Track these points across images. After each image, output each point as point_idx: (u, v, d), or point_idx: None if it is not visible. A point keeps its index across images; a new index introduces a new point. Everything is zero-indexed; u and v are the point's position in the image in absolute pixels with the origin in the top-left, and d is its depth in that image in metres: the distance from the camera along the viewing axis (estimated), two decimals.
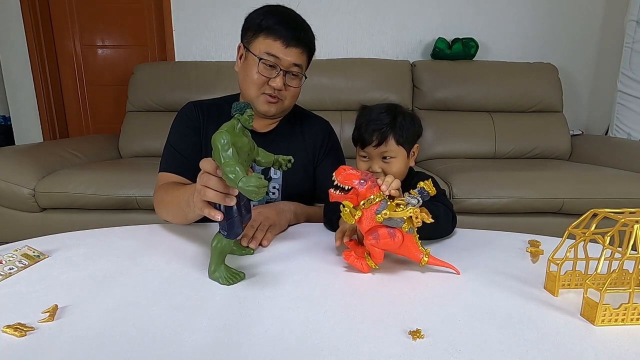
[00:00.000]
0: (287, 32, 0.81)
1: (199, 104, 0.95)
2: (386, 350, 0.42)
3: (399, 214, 0.56)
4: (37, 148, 1.85)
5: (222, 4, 2.39)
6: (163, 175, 0.89)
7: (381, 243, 0.58)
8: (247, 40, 0.86)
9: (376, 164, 0.80)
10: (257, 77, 0.84)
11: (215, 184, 0.54)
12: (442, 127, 2.21)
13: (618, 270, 0.48)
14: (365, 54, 2.45)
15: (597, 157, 2.04)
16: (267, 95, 0.86)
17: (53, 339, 0.43)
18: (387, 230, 0.57)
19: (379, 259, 0.60)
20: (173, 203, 0.77)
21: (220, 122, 0.93)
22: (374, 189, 0.58)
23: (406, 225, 0.57)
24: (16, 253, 0.63)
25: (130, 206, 1.60)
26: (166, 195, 0.81)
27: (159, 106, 2.25)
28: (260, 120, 0.94)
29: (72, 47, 2.59)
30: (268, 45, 0.82)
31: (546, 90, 2.26)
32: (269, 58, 0.82)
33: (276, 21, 0.82)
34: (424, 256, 0.60)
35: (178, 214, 0.76)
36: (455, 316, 0.49)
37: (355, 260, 0.61)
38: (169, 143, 0.92)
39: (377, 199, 0.57)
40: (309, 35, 0.86)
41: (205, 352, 0.41)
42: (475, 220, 1.60)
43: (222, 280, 0.57)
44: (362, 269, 0.61)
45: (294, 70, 0.85)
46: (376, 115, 0.79)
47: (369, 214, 0.57)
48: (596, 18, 2.45)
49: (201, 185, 0.55)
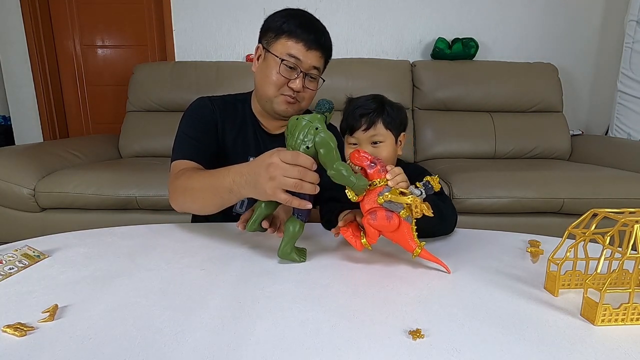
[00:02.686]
0: (308, 35, 0.83)
1: (213, 99, 0.95)
2: (386, 350, 0.42)
3: (399, 199, 0.58)
4: (37, 148, 1.85)
5: (222, 4, 2.39)
6: (179, 163, 0.85)
7: (377, 223, 0.60)
8: (267, 42, 0.86)
9: (365, 149, 0.79)
10: (277, 78, 0.85)
11: (312, 177, 0.59)
12: (442, 127, 2.21)
13: (618, 270, 0.48)
14: (365, 54, 2.46)
15: (597, 157, 2.04)
16: (286, 96, 0.87)
17: (53, 339, 0.43)
18: (385, 212, 0.59)
19: (373, 239, 0.62)
20: (205, 191, 0.74)
21: (236, 120, 0.94)
22: (381, 174, 0.61)
23: (404, 212, 0.59)
24: (16, 253, 0.63)
25: (130, 206, 1.60)
26: (191, 181, 0.77)
27: (159, 106, 2.25)
28: (274, 121, 0.95)
29: (72, 47, 2.59)
30: (290, 47, 0.83)
31: (546, 90, 2.26)
32: (290, 60, 0.83)
33: (298, 24, 0.83)
34: (417, 248, 0.61)
35: (212, 202, 0.74)
36: (455, 316, 0.49)
37: (350, 237, 0.65)
38: (183, 132, 0.90)
39: (382, 183, 0.60)
40: (328, 40, 0.88)
41: (205, 352, 0.41)
42: (475, 220, 1.60)
43: (298, 259, 0.64)
44: (355, 246, 0.64)
45: (312, 73, 0.87)
46: (363, 102, 0.80)
47: (372, 195, 0.60)
48: (596, 18, 2.45)
49: (296, 179, 0.58)
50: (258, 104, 0.95)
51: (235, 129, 0.94)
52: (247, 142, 0.95)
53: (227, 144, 0.93)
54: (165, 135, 2.09)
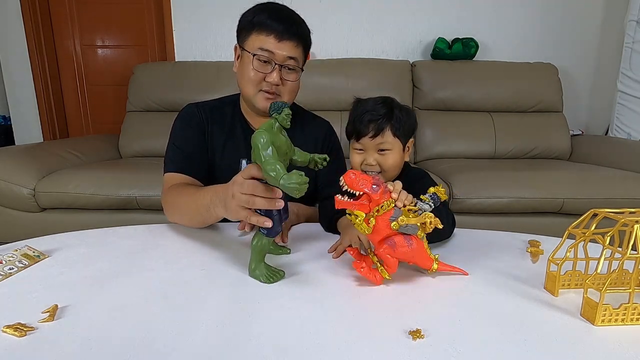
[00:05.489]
0: (278, 25, 0.81)
1: (201, 106, 0.95)
2: (386, 350, 0.42)
3: (415, 220, 0.53)
4: (37, 148, 1.85)
5: (222, 4, 2.39)
6: (170, 177, 0.87)
7: (398, 251, 0.54)
8: (241, 40, 0.86)
9: (371, 157, 0.78)
10: (254, 74, 0.83)
11: (262, 191, 0.54)
12: (442, 127, 2.21)
13: (618, 270, 0.48)
14: (365, 54, 2.45)
15: (597, 157, 2.04)
16: (265, 92, 0.85)
17: (53, 339, 0.43)
18: (404, 237, 0.54)
19: (393, 269, 0.56)
20: (189, 208, 0.76)
21: (224, 124, 0.94)
22: (386, 194, 0.54)
23: (420, 232, 0.55)
24: (16, 253, 0.63)
25: (130, 206, 1.60)
26: (179, 198, 0.80)
27: (159, 106, 2.25)
28: (262, 118, 0.94)
29: (72, 47, 2.59)
30: (261, 41, 0.81)
31: (546, 90, 2.26)
32: (263, 53, 0.81)
33: (267, 16, 0.81)
34: (434, 263, 0.58)
35: (195, 219, 0.77)
36: (455, 316, 0.49)
37: (367, 273, 0.56)
38: (173, 144, 0.91)
39: (391, 206, 0.53)
40: (302, 28, 0.85)
41: (205, 352, 0.41)
42: (475, 220, 1.60)
43: (262, 279, 0.57)
44: (375, 281, 0.56)
45: (289, 64, 0.84)
46: (372, 106, 0.77)
47: (384, 222, 0.53)
48: (596, 18, 2.45)
49: (247, 194, 0.55)
50: (245, 104, 0.94)
51: (224, 133, 0.93)
52: (237, 145, 0.93)
53: (216, 149, 0.93)
54: (165, 135, 2.03)
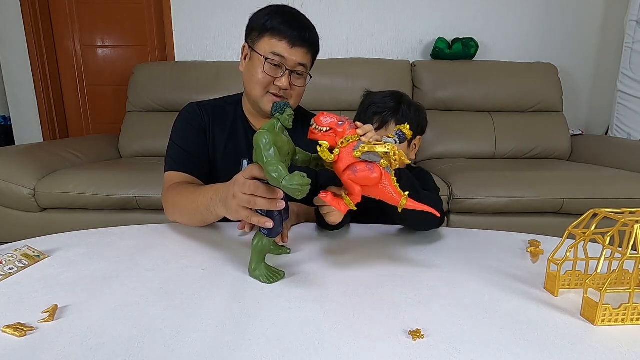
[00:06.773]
0: (292, 32, 0.82)
1: (202, 106, 0.95)
2: (386, 350, 0.42)
3: (376, 148, 0.55)
4: (37, 148, 1.85)
5: (222, 4, 2.39)
6: (171, 175, 0.88)
7: (359, 177, 0.55)
8: (252, 41, 0.86)
9: None
10: (263, 77, 0.84)
11: (264, 191, 0.55)
12: (442, 127, 2.21)
13: (618, 270, 0.48)
14: (365, 54, 2.45)
15: (597, 157, 2.04)
16: (273, 94, 0.86)
17: (53, 339, 0.43)
18: (366, 164, 0.55)
19: (357, 197, 0.57)
20: (189, 207, 0.76)
21: (226, 124, 0.94)
22: (351, 130, 0.57)
23: (384, 161, 0.56)
24: (16, 253, 0.63)
25: (130, 206, 1.60)
26: (179, 197, 0.80)
27: (159, 106, 2.25)
28: (264, 119, 0.94)
29: (72, 47, 2.59)
30: (274, 45, 0.82)
31: (546, 90, 2.26)
32: (275, 58, 0.82)
33: (281, 21, 0.82)
34: (403, 199, 0.58)
35: (195, 218, 0.77)
36: (455, 316, 0.49)
37: (331, 200, 0.58)
38: (174, 142, 0.91)
39: (355, 139, 0.56)
40: (314, 35, 0.86)
41: (205, 352, 0.41)
42: (475, 220, 1.60)
43: (262, 279, 0.57)
44: (338, 208, 0.58)
45: (299, 70, 0.85)
46: (380, 99, 0.77)
47: (347, 151, 0.56)
48: (596, 18, 2.45)
49: (249, 194, 0.55)
50: (249, 104, 0.94)
51: (225, 133, 0.94)
52: (239, 145, 0.93)
53: (218, 149, 0.93)
54: (165, 135, 2.03)
